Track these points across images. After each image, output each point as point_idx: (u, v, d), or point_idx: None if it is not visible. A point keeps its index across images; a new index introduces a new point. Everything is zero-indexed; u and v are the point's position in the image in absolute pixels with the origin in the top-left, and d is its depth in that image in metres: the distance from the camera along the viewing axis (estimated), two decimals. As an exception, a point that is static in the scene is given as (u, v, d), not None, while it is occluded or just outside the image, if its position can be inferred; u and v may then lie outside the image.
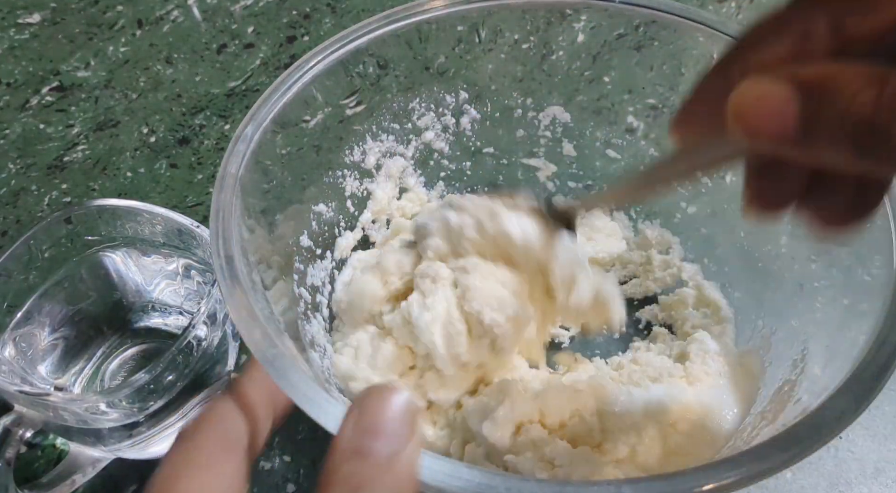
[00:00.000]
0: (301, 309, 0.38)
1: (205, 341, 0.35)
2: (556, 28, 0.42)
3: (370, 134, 0.43)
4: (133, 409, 0.34)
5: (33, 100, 0.58)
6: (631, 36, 0.41)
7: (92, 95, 0.59)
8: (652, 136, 0.44)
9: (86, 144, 0.56)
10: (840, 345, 0.31)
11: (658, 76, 0.43)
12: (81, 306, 0.41)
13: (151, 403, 0.34)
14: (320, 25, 0.64)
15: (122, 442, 0.36)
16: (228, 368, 0.39)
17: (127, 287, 0.42)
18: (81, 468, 0.37)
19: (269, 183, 0.36)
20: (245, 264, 0.30)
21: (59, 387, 0.39)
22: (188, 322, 0.34)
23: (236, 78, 0.60)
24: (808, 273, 0.36)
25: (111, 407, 0.33)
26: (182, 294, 0.43)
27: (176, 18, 0.65)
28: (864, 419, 0.40)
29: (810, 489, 0.39)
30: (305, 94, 0.37)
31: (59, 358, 0.40)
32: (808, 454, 0.25)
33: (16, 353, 0.38)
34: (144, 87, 0.59)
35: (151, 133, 0.56)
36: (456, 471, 0.24)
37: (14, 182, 0.53)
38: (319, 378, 0.33)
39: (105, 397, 0.33)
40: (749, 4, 0.64)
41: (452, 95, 0.44)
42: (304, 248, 0.40)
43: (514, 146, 0.47)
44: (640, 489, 0.23)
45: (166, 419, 0.36)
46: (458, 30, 0.41)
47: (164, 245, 0.40)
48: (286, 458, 0.40)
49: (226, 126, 0.57)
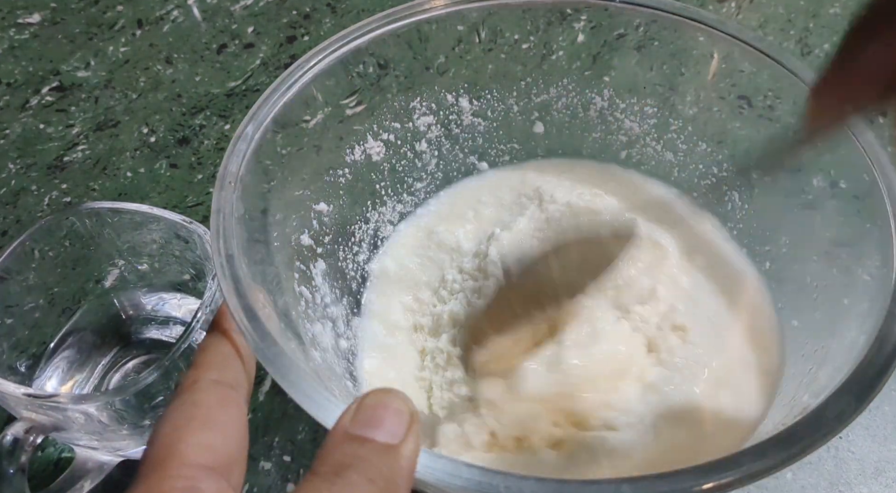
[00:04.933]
0: (302, 308, 0.38)
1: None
2: (556, 28, 0.42)
3: (371, 133, 0.43)
4: (141, 409, 0.34)
5: (33, 100, 0.58)
6: (631, 36, 0.41)
7: (92, 95, 0.59)
8: (652, 136, 0.44)
9: (86, 144, 0.56)
10: (840, 345, 0.31)
11: (658, 76, 0.43)
12: (81, 322, 0.41)
13: (159, 402, 0.34)
14: (320, 25, 0.64)
15: (130, 444, 0.36)
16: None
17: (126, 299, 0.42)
18: (89, 473, 0.37)
19: (269, 182, 0.36)
20: (245, 263, 0.30)
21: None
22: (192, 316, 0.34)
23: (236, 78, 0.60)
24: (807, 273, 0.37)
25: (119, 407, 0.33)
26: (181, 303, 0.43)
27: (176, 18, 0.65)
28: (864, 418, 0.40)
29: (810, 489, 0.39)
30: (306, 93, 0.37)
31: (63, 372, 0.40)
32: (807, 453, 0.25)
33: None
34: (144, 87, 0.59)
35: (151, 133, 0.56)
36: (456, 469, 0.24)
37: (14, 182, 0.53)
38: (320, 377, 0.33)
39: (114, 396, 0.33)
40: (749, 4, 0.64)
41: (453, 95, 0.44)
42: (305, 247, 0.40)
43: (514, 146, 0.47)
44: (640, 489, 0.23)
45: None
46: (458, 30, 0.41)
47: (163, 253, 0.40)
48: (286, 458, 0.40)
49: (226, 126, 0.57)
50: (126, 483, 0.39)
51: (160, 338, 0.42)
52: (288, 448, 0.40)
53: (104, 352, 0.42)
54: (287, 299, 0.36)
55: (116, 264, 0.41)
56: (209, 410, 0.24)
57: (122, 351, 0.42)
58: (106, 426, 0.34)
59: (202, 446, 0.23)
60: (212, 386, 0.25)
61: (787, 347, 0.37)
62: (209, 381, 0.25)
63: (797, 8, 0.63)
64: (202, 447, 0.23)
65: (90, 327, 0.41)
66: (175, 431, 0.23)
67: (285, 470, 0.40)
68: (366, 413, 0.23)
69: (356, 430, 0.23)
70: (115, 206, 0.38)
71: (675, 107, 0.43)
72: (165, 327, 0.43)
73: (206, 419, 0.24)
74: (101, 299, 0.41)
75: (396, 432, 0.23)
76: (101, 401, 0.33)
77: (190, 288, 0.42)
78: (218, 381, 0.25)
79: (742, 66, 0.39)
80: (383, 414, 0.23)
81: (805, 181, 0.37)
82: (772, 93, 0.38)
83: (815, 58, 0.59)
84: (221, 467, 0.23)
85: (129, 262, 0.41)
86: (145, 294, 0.42)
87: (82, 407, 0.32)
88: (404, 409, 0.23)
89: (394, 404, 0.23)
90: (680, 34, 0.40)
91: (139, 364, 0.42)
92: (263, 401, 0.42)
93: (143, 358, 0.42)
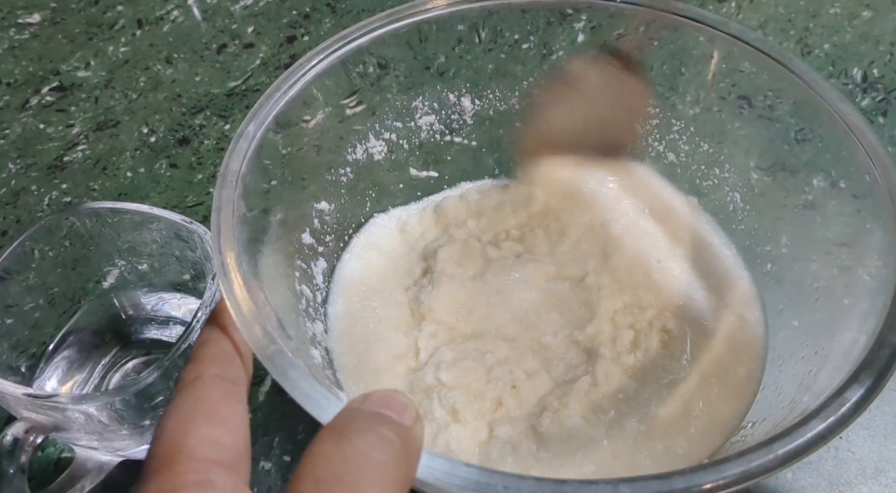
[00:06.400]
0: (302, 306, 0.38)
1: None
2: (556, 28, 0.42)
3: (373, 133, 0.43)
4: (141, 408, 0.34)
5: (33, 100, 0.58)
6: (631, 36, 0.41)
7: (92, 95, 0.59)
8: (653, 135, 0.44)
9: (86, 144, 0.56)
10: (840, 345, 0.31)
11: (658, 76, 0.43)
12: (81, 323, 0.41)
13: (159, 402, 0.34)
14: (320, 25, 0.64)
15: (130, 444, 0.36)
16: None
17: (126, 299, 0.42)
18: (89, 473, 0.37)
19: (269, 182, 0.36)
20: (246, 262, 0.30)
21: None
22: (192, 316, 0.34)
23: (236, 78, 0.60)
24: (808, 273, 0.36)
25: (119, 407, 0.33)
26: (181, 303, 0.43)
27: (176, 18, 0.65)
28: (864, 418, 0.40)
29: (810, 489, 0.38)
30: (306, 93, 0.37)
31: (63, 372, 0.40)
32: (808, 454, 0.25)
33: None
34: (144, 87, 0.59)
35: (151, 133, 0.56)
36: (454, 469, 0.24)
37: (14, 182, 0.53)
38: (320, 376, 0.33)
39: (114, 396, 0.33)
40: (749, 4, 0.64)
41: (455, 94, 0.44)
42: (306, 245, 0.40)
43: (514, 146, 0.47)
44: (639, 489, 0.23)
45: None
46: (458, 30, 0.41)
47: (163, 253, 0.40)
48: (286, 458, 0.40)
49: (226, 126, 0.57)
50: (126, 483, 0.39)
51: (160, 338, 0.42)
52: (288, 448, 0.40)
53: (104, 352, 0.42)
54: (287, 297, 0.36)
55: (116, 264, 0.41)
56: (213, 405, 0.24)
57: (122, 351, 0.42)
58: (106, 426, 0.34)
59: (209, 441, 0.23)
60: (215, 381, 0.25)
61: (785, 348, 0.37)
62: (212, 376, 0.25)
63: (797, 8, 0.63)
64: (210, 442, 0.23)
65: (90, 327, 0.41)
66: (181, 426, 0.23)
67: (285, 470, 0.40)
68: (374, 399, 0.23)
69: (368, 407, 0.23)
70: (115, 206, 0.38)
71: (675, 107, 0.43)
72: (165, 327, 0.43)
73: (211, 413, 0.24)
74: (101, 299, 0.41)
75: (405, 417, 0.23)
76: (101, 401, 0.33)
77: (190, 288, 0.42)
78: (220, 376, 0.25)
79: (742, 66, 0.39)
80: (391, 403, 0.23)
81: (805, 181, 0.37)
82: (772, 93, 0.38)
83: (815, 58, 0.59)
84: (229, 461, 0.23)
85: (129, 262, 0.41)
86: (145, 294, 0.42)
87: (82, 407, 0.32)
88: (410, 404, 0.24)
89: (400, 398, 0.24)
90: (680, 34, 0.40)
91: (139, 364, 0.42)
92: (263, 401, 0.42)
93: (143, 358, 0.42)
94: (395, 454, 0.21)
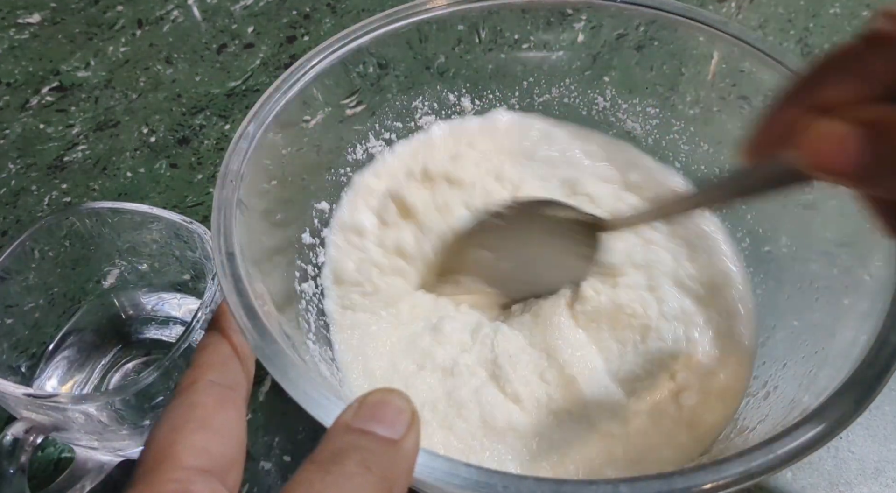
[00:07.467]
0: (302, 306, 0.38)
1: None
2: (556, 28, 0.42)
3: (373, 133, 0.43)
4: (141, 408, 0.34)
5: (33, 100, 0.59)
6: (631, 36, 0.41)
7: (92, 95, 0.59)
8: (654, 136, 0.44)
9: (86, 144, 0.56)
10: (840, 345, 0.31)
11: (658, 76, 0.43)
12: (81, 323, 0.41)
13: (159, 402, 0.34)
14: (320, 25, 0.64)
15: (130, 444, 0.36)
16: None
17: (126, 299, 0.42)
18: (89, 473, 0.37)
19: (269, 182, 0.36)
20: (246, 261, 0.30)
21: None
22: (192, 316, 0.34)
23: (236, 78, 0.60)
24: (808, 273, 0.36)
25: (119, 407, 0.33)
26: (181, 303, 0.43)
27: (176, 18, 0.65)
28: (864, 419, 0.40)
29: (810, 489, 0.38)
30: (306, 93, 0.37)
31: (63, 372, 0.40)
32: (807, 454, 0.25)
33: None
34: (144, 87, 0.59)
35: (151, 133, 0.56)
36: (454, 469, 0.24)
37: (14, 182, 0.53)
38: (320, 375, 0.33)
39: (114, 396, 0.33)
40: (749, 4, 0.64)
41: (455, 94, 0.44)
42: (306, 245, 0.40)
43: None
44: (638, 489, 0.23)
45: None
46: (458, 30, 0.41)
47: (163, 253, 0.40)
48: (286, 458, 0.40)
49: (226, 126, 0.57)
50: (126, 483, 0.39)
51: (160, 338, 0.42)
52: (288, 448, 0.40)
53: (104, 352, 0.42)
54: (288, 296, 0.36)
55: (116, 264, 0.41)
56: (206, 411, 0.24)
57: (122, 351, 0.42)
58: (106, 426, 0.34)
59: (197, 448, 0.23)
60: (210, 387, 0.25)
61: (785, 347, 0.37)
62: (207, 382, 0.25)
63: (797, 8, 0.63)
64: (197, 450, 0.23)
65: (90, 327, 0.41)
66: (171, 433, 0.24)
67: (285, 470, 0.40)
68: (367, 409, 0.23)
69: (357, 424, 0.23)
70: (115, 206, 0.38)
71: (675, 107, 0.43)
72: (165, 327, 0.43)
73: (203, 420, 0.24)
74: (100, 299, 0.41)
75: (397, 427, 0.23)
76: (101, 401, 0.33)
77: (190, 288, 0.42)
78: (216, 382, 0.25)
79: (742, 66, 0.39)
80: (385, 410, 0.23)
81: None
82: (772, 93, 0.38)
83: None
84: (217, 469, 0.23)
85: (129, 262, 0.41)
86: (145, 294, 0.42)
87: (82, 407, 0.32)
88: (406, 408, 0.23)
89: (396, 402, 0.23)
90: (680, 34, 0.40)
91: (139, 364, 0.42)
92: (263, 401, 0.42)
93: (143, 358, 0.42)
94: (375, 483, 0.21)
